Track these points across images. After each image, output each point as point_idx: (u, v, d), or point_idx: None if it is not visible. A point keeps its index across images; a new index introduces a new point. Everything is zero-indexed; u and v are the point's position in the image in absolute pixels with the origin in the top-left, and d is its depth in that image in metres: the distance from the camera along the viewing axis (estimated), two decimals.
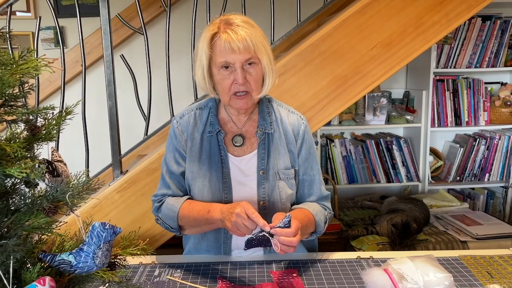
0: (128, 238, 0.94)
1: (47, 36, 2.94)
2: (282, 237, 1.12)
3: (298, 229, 1.16)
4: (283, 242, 1.12)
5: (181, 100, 2.44)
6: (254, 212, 1.15)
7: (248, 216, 1.15)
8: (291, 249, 1.14)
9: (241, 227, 1.16)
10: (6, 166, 0.69)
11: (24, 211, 0.77)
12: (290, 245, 1.13)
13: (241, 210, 1.16)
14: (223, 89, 1.30)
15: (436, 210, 2.62)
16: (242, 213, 1.16)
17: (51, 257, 0.80)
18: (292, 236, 1.13)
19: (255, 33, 1.25)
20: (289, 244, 1.13)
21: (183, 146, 1.40)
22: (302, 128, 1.42)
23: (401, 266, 1.15)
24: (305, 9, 2.16)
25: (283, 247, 1.12)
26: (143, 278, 1.28)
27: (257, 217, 1.14)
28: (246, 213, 1.15)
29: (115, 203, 1.84)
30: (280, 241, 1.12)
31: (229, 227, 1.20)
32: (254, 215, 1.15)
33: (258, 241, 1.14)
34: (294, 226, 1.15)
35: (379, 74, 1.86)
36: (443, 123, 2.92)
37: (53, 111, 0.78)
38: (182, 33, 2.73)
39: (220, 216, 1.24)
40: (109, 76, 1.84)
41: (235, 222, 1.17)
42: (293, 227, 1.14)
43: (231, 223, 1.18)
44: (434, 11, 1.83)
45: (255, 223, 1.14)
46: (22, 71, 0.74)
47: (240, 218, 1.16)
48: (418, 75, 2.95)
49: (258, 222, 1.14)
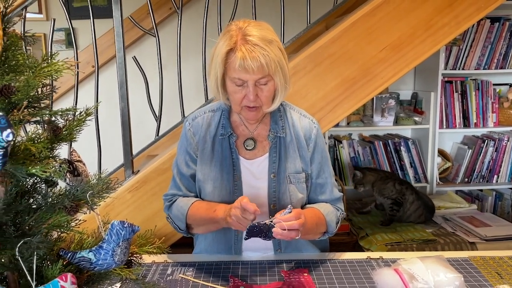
0: (144, 236, 0.97)
1: (58, 38, 2.98)
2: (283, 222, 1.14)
3: (299, 214, 1.18)
4: (284, 227, 1.13)
5: (190, 101, 2.45)
6: (244, 199, 1.17)
7: (246, 209, 1.16)
8: (293, 233, 1.15)
9: (240, 219, 1.18)
10: (30, 166, 0.71)
11: (45, 209, 0.79)
12: (291, 227, 1.14)
13: (237, 202, 1.19)
14: (235, 100, 1.31)
15: (444, 211, 2.63)
16: (238, 204, 1.18)
17: (72, 254, 0.82)
18: (293, 220, 1.15)
19: (271, 52, 1.22)
20: (290, 227, 1.14)
21: (194, 148, 1.42)
22: (314, 132, 1.43)
23: (412, 266, 1.17)
24: (314, 11, 2.17)
25: (284, 233, 1.13)
26: (156, 276, 1.31)
27: (246, 203, 1.16)
28: (243, 206, 1.17)
29: (126, 202, 1.86)
30: (281, 226, 1.13)
31: (230, 222, 1.22)
32: (243, 201, 1.16)
33: (259, 229, 1.16)
34: (295, 211, 1.18)
35: (388, 76, 1.87)
36: (451, 124, 2.92)
37: (75, 112, 0.80)
38: (190, 34, 2.75)
39: (223, 214, 1.27)
40: (121, 78, 1.86)
41: (233, 214, 1.19)
42: (294, 212, 1.17)
43: (231, 217, 1.21)
44: (444, 13, 1.83)
45: (248, 211, 1.16)
46: (44, 73, 0.76)
47: (237, 210, 1.18)
48: (427, 76, 2.95)
49: (248, 208, 1.15)
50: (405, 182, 2.60)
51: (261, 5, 2.32)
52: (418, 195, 2.51)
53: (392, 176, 2.61)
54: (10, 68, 0.72)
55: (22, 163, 0.71)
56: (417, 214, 2.47)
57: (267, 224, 1.16)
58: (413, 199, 2.47)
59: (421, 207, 2.47)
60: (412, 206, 2.47)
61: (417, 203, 2.47)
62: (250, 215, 1.16)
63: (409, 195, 2.47)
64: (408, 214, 2.47)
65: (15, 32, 0.75)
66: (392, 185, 2.50)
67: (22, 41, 0.77)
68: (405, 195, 2.47)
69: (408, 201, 2.47)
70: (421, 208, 2.47)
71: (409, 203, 2.47)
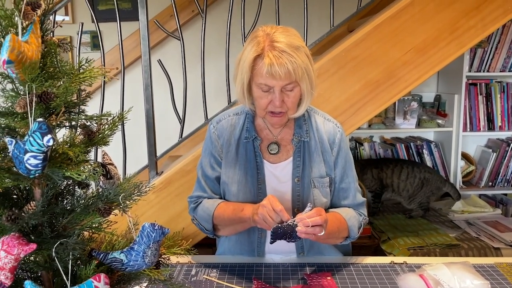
0: (172, 238, 0.98)
1: (83, 40, 3.03)
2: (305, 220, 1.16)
3: (320, 211, 1.20)
4: (307, 224, 1.15)
5: (211, 103, 2.48)
6: (279, 206, 1.19)
7: (273, 208, 1.18)
8: (317, 229, 1.17)
9: (267, 218, 1.19)
10: (66, 169, 0.74)
11: (80, 211, 0.82)
12: (315, 223, 1.16)
13: (267, 202, 1.21)
14: (260, 105, 1.32)
15: (468, 215, 2.59)
16: (268, 204, 1.20)
17: (104, 255, 0.84)
18: (315, 216, 1.17)
19: (299, 58, 1.22)
20: (314, 223, 1.16)
21: (219, 151, 1.43)
22: (338, 136, 1.43)
23: (437, 272, 1.16)
24: (336, 13, 2.16)
25: (308, 229, 1.15)
26: (181, 277, 1.33)
27: (282, 211, 1.18)
28: (271, 205, 1.19)
29: (150, 203, 1.89)
30: (304, 224, 1.15)
31: (257, 220, 1.23)
32: (279, 208, 1.18)
33: (283, 231, 1.17)
34: (316, 209, 1.20)
35: (412, 79, 1.85)
36: (475, 127, 2.87)
37: (108, 117, 0.82)
38: (212, 36, 2.77)
39: (251, 213, 1.28)
40: (146, 80, 1.89)
41: (261, 213, 1.21)
42: (315, 209, 1.19)
43: (258, 215, 1.22)
44: (470, 16, 1.81)
45: (279, 216, 1.18)
46: (80, 79, 0.79)
47: (265, 208, 1.20)
48: (450, 78, 2.91)
49: (283, 217, 1.18)
50: (383, 160, 2.61)
51: (283, 8, 2.32)
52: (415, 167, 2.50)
53: (370, 161, 2.62)
54: (48, 74, 0.75)
55: (58, 167, 0.73)
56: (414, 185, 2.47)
57: (291, 224, 1.17)
58: (399, 171, 2.47)
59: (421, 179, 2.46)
60: (401, 176, 2.45)
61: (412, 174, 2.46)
62: (276, 215, 1.18)
63: (389, 170, 2.47)
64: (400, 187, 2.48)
65: (52, 39, 0.77)
66: (370, 174, 2.50)
67: (59, 47, 0.79)
68: (382, 173, 2.46)
69: (388, 176, 2.46)
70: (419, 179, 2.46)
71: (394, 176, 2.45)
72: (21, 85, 0.73)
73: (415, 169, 2.55)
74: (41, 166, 0.69)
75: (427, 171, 2.57)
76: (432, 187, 2.48)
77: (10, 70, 0.68)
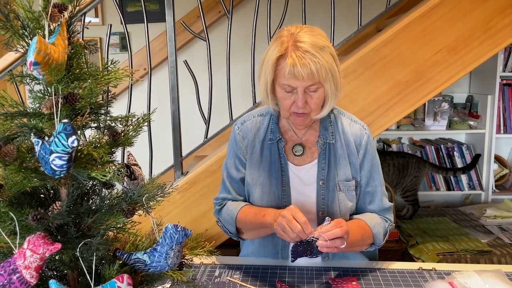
0: (195, 239, 0.98)
1: (112, 42, 3.09)
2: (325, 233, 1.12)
3: (339, 223, 1.16)
4: (327, 237, 1.12)
5: (236, 104, 2.48)
6: (303, 217, 1.15)
7: (296, 220, 1.15)
8: (337, 242, 1.13)
9: (286, 229, 1.16)
10: (91, 170, 0.74)
11: (104, 211, 0.82)
12: (334, 236, 1.12)
13: (288, 212, 1.17)
14: (283, 106, 1.30)
15: (501, 221, 2.50)
16: (288, 215, 1.16)
17: (127, 255, 0.85)
18: (335, 228, 1.14)
19: (322, 58, 1.19)
20: (333, 236, 1.12)
21: (243, 152, 1.42)
22: (365, 139, 1.39)
23: (468, 280, 1.12)
24: (364, 12, 2.12)
25: (329, 243, 1.12)
26: (204, 278, 1.33)
27: (306, 223, 1.14)
28: (294, 216, 1.15)
29: (175, 203, 1.90)
30: (324, 239, 1.12)
31: (276, 229, 1.21)
32: (303, 220, 1.14)
33: (303, 247, 1.15)
34: (335, 221, 1.16)
35: (443, 80, 1.80)
36: (509, 129, 2.78)
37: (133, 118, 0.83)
38: (238, 37, 2.77)
39: (272, 220, 1.25)
40: (173, 82, 1.90)
41: (279, 223, 1.18)
42: (333, 222, 1.16)
43: (277, 224, 1.19)
44: (504, 14, 1.74)
45: (300, 228, 1.14)
46: (106, 81, 0.80)
47: (285, 219, 1.16)
48: (483, 79, 2.82)
49: (306, 229, 1.14)
50: None
51: (310, 7, 2.30)
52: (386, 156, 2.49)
53: None
54: (74, 76, 0.75)
55: (83, 167, 0.74)
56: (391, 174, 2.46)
57: (310, 241, 1.14)
58: None
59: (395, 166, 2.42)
60: None
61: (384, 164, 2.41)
62: (295, 225, 1.14)
63: None
64: None
65: (79, 41, 0.78)
66: None
67: (85, 49, 0.80)
68: None
69: None
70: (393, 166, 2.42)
71: None
72: (47, 86, 0.74)
73: (386, 157, 2.51)
74: (66, 167, 0.69)
75: (400, 156, 2.53)
76: (412, 169, 2.44)
77: (37, 72, 0.69)
